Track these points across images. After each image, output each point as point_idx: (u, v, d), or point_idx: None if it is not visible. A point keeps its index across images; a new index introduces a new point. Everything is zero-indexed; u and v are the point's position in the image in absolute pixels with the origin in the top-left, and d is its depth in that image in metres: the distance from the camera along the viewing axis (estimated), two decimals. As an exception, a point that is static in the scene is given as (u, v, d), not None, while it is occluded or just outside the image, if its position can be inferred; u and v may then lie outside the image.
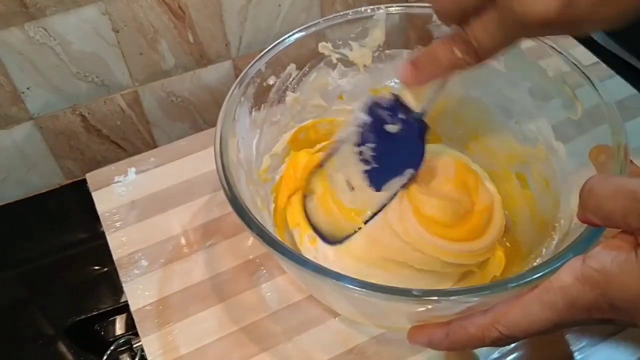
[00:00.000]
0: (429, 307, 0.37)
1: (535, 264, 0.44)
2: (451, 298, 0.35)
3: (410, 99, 0.44)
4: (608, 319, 0.33)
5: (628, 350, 0.47)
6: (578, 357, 0.46)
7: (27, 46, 0.57)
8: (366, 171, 0.47)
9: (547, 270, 0.35)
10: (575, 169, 0.46)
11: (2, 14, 0.54)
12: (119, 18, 0.59)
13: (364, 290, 0.36)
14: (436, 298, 0.35)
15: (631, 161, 0.41)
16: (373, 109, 0.46)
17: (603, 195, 0.33)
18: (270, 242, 0.38)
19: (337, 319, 0.48)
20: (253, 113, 0.49)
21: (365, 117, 0.46)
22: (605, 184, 0.33)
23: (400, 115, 0.45)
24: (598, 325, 0.45)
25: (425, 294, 0.35)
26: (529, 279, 0.35)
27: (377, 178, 0.47)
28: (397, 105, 0.45)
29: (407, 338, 0.39)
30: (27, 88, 0.60)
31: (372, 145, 0.46)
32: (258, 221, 0.40)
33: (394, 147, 0.46)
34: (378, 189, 0.46)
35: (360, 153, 0.47)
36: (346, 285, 0.36)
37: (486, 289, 0.35)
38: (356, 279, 0.36)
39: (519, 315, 0.34)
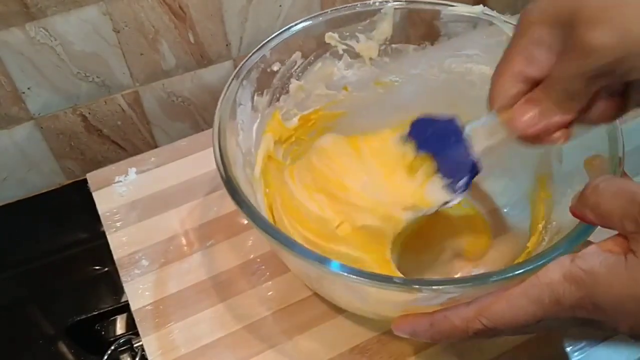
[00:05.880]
0: (411, 295, 0.37)
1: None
2: (433, 287, 0.36)
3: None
4: (591, 320, 0.33)
5: (627, 351, 0.47)
6: (577, 357, 0.46)
7: (27, 46, 0.57)
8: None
9: (530, 267, 0.35)
10: (570, 171, 0.46)
11: (2, 14, 0.54)
12: (119, 18, 0.59)
13: (345, 274, 0.36)
14: (417, 287, 0.36)
15: (625, 172, 0.41)
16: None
17: (605, 193, 0.33)
18: (259, 222, 0.39)
19: (338, 317, 0.48)
20: (255, 97, 0.49)
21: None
22: (609, 183, 0.33)
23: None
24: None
25: (406, 282, 0.36)
26: (511, 274, 0.35)
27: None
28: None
29: (392, 327, 0.39)
30: (28, 88, 0.60)
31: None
32: (249, 202, 0.40)
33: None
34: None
35: None
36: (329, 268, 0.36)
37: (468, 281, 0.36)
38: (340, 263, 0.36)
39: (504, 308, 0.34)
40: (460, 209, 0.54)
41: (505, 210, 0.54)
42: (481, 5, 0.50)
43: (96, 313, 0.56)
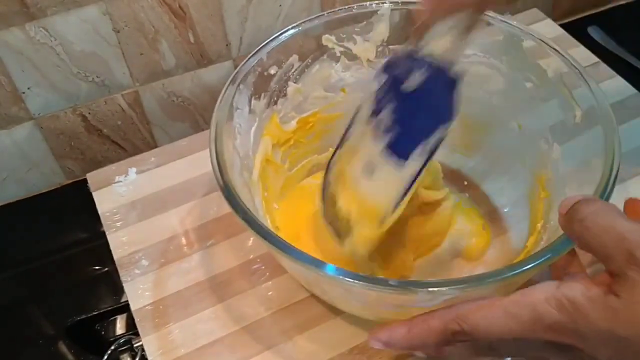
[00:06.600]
0: (407, 297, 0.37)
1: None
2: (428, 289, 0.36)
3: (434, 49, 0.39)
4: (569, 346, 0.33)
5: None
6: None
7: (27, 46, 0.57)
8: (388, 145, 0.41)
9: (526, 267, 0.36)
10: (570, 170, 0.46)
11: (2, 14, 0.54)
12: (119, 18, 0.59)
13: (340, 277, 0.36)
14: (412, 289, 0.36)
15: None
16: (389, 70, 0.41)
17: (595, 227, 0.33)
18: (256, 226, 0.39)
19: (337, 318, 0.48)
20: (252, 101, 0.49)
21: (381, 80, 0.41)
22: (600, 218, 0.33)
23: (422, 70, 0.40)
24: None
25: (400, 285, 0.36)
26: (507, 274, 0.36)
27: (400, 148, 0.41)
28: (416, 60, 0.40)
29: (368, 338, 0.39)
30: (28, 88, 0.60)
31: (391, 111, 0.41)
32: (245, 206, 0.40)
33: (417, 107, 0.41)
34: (404, 159, 0.41)
35: (377, 126, 0.42)
36: (325, 272, 0.36)
37: (464, 283, 0.36)
38: (335, 267, 0.36)
39: (481, 317, 0.34)
40: (460, 209, 0.54)
41: (505, 210, 0.54)
42: None
43: (96, 313, 0.56)
